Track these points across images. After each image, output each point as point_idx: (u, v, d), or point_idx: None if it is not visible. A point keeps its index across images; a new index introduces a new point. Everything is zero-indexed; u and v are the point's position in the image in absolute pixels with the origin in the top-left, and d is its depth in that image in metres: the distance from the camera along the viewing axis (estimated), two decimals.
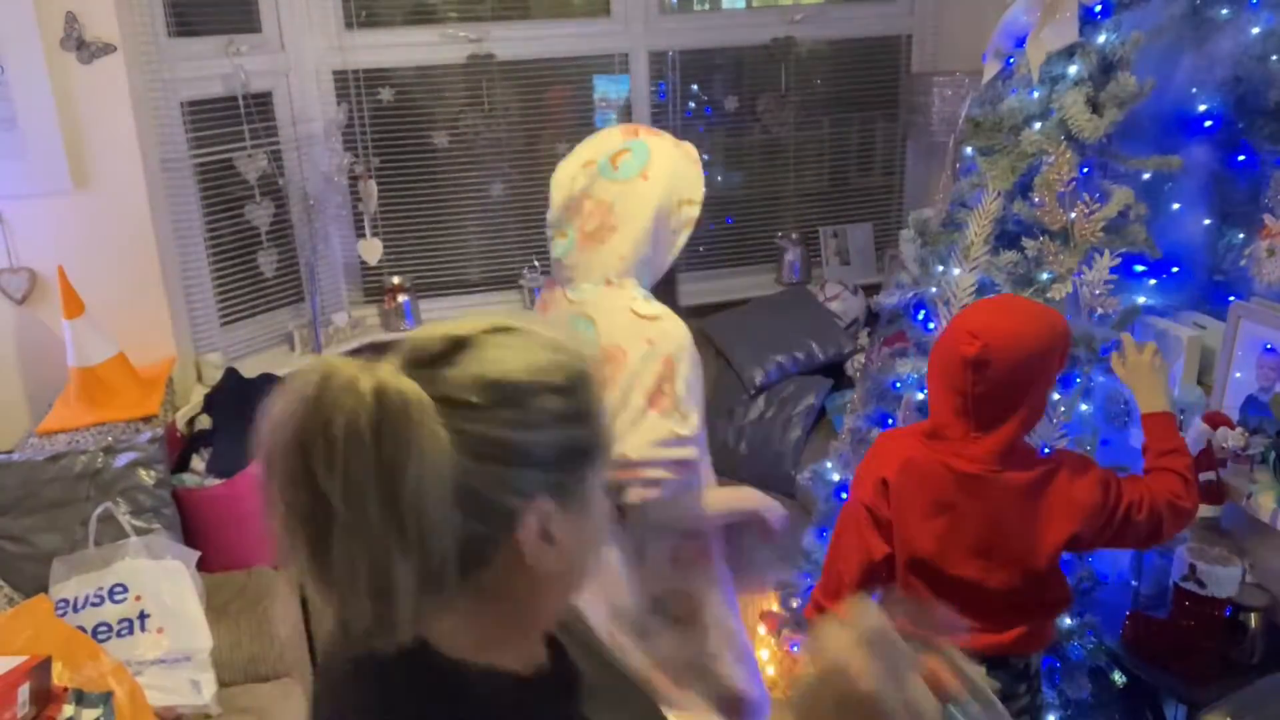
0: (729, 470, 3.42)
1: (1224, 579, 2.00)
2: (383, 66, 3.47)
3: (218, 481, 2.67)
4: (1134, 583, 2.29)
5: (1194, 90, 2.27)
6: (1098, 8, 2.14)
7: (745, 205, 3.99)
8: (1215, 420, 2.12)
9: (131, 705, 2.00)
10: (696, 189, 1.76)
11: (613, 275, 1.72)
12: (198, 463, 2.77)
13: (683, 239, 1.76)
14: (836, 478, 2.59)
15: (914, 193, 4.02)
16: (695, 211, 1.75)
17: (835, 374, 3.50)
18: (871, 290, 3.54)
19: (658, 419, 1.69)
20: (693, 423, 1.71)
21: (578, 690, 0.99)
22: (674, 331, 1.70)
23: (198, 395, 3.04)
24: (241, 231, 3.28)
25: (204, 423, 2.91)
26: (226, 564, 2.62)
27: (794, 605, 2.68)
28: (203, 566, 2.51)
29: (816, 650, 0.92)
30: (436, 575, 0.81)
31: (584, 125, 3.75)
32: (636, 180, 1.70)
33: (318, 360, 0.99)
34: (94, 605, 2.31)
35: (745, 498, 1.88)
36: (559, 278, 1.80)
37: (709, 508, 1.86)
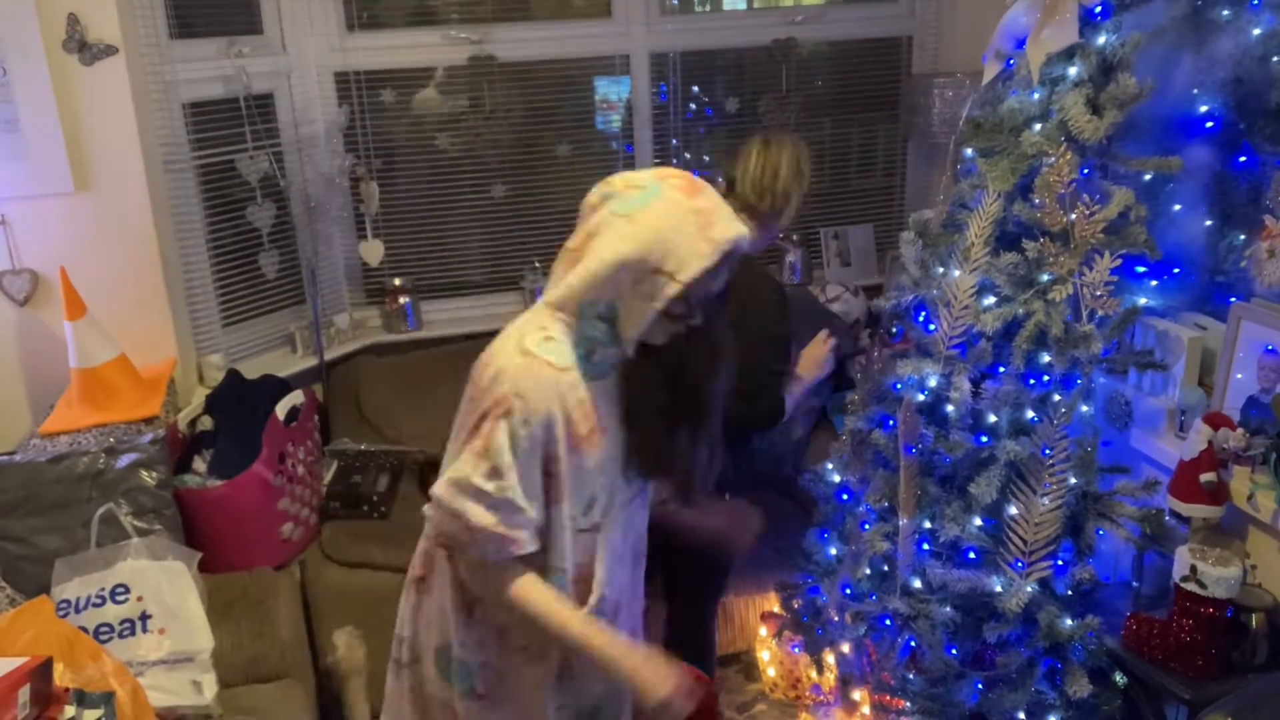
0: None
1: (1225, 580, 2.00)
2: (384, 68, 3.47)
3: (219, 482, 2.67)
4: (1135, 583, 2.29)
5: (1195, 91, 2.28)
6: (1098, 9, 2.14)
7: None
8: (1216, 421, 2.11)
9: (133, 706, 2.00)
10: (683, 266, 1.47)
11: (553, 299, 1.57)
12: (199, 464, 2.78)
13: (650, 313, 1.50)
14: (837, 479, 2.59)
15: (915, 194, 4.03)
16: (670, 288, 1.48)
17: (836, 375, 3.50)
18: (873, 291, 3.54)
19: (467, 457, 1.53)
20: (506, 492, 1.51)
21: None
22: (528, 387, 1.50)
23: (199, 396, 3.04)
24: (243, 233, 3.28)
25: (205, 424, 2.92)
26: (228, 565, 2.63)
27: (795, 606, 2.68)
28: (204, 567, 2.51)
29: None
30: None
31: (585, 127, 3.75)
32: (623, 219, 1.50)
33: None
34: (95, 606, 2.32)
35: (608, 653, 1.59)
36: None
37: (526, 602, 1.58)
